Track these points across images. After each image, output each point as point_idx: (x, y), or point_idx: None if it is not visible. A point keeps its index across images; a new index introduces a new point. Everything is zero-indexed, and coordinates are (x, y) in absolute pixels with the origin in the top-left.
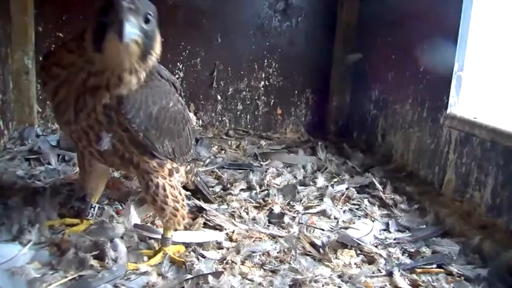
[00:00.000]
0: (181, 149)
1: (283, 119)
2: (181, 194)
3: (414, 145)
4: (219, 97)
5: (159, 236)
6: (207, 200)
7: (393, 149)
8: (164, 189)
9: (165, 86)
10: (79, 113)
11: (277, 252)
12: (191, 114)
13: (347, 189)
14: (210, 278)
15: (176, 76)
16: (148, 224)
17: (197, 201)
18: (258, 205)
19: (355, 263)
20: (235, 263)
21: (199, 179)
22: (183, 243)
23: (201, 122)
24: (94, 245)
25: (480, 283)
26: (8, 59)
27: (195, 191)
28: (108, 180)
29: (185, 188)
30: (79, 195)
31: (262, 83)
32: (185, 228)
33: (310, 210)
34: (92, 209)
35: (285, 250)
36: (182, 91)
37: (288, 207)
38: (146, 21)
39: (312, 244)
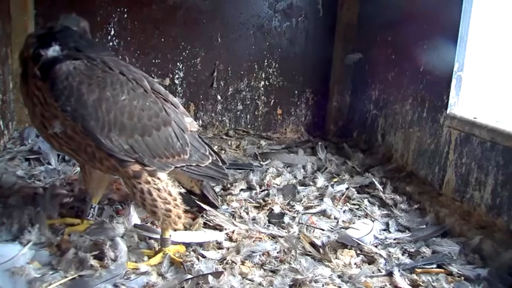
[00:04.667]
0: (152, 150)
1: (283, 119)
2: (171, 195)
3: (414, 145)
4: (219, 97)
5: (159, 236)
6: (211, 205)
7: (393, 149)
8: (151, 194)
9: (113, 77)
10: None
11: (277, 252)
12: (189, 120)
13: (347, 189)
14: (210, 278)
15: (176, 76)
16: (148, 224)
17: (197, 201)
18: (258, 205)
19: (355, 263)
20: (235, 263)
21: (205, 183)
22: (183, 243)
23: (201, 122)
24: (94, 245)
25: (480, 283)
26: (8, 59)
27: (200, 195)
28: (111, 182)
29: (191, 192)
30: (79, 196)
31: (262, 83)
32: (185, 228)
33: (310, 210)
34: (92, 209)
35: (285, 250)
36: (182, 91)
37: (288, 207)
38: None
39: (312, 244)
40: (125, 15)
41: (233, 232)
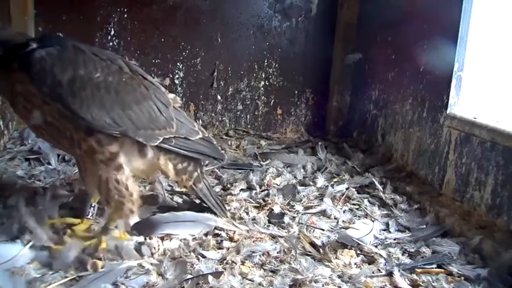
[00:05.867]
0: (135, 123)
1: (283, 119)
2: (128, 189)
3: (414, 145)
4: (219, 97)
5: (160, 235)
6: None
7: (393, 149)
8: (107, 183)
9: (85, 56)
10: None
11: (277, 252)
12: (171, 95)
13: (347, 189)
14: (210, 278)
15: (176, 76)
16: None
17: (197, 201)
18: (258, 205)
19: (355, 263)
20: (235, 263)
21: (201, 186)
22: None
23: (201, 122)
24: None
25: (480, 283)
26: None
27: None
28: None
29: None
30: (79, 196)
31: (262, 83)
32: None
33: (310, 210)
34: (92, 208)
35: (285, 250)
36: (182, 91)
37: (288, 207)
38: None
39: (312, 244)
40: (125, 15)
41: (234, 233)
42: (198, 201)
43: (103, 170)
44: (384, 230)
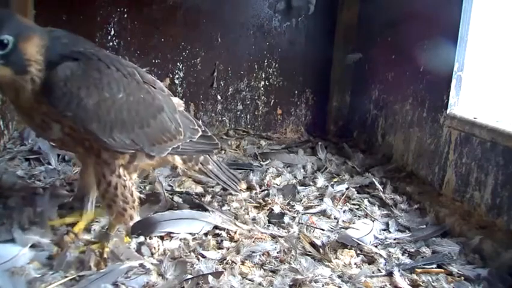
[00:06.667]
0: (152, 139)
1: (283, 119)
2: (132, 196)
3: (414, 145)
4: (219, 97)
5: (160, 233)
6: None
7: (393, 149)
8: (116, 189)
9: (109, 77)
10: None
11: (277, 252)
12: (176, 100)
13: (347, 189)
14: (210, 278)
15: (176, 76)
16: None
17: (197, 200)
18: (258, 205)
19: (355, 263)
20: (235, 263)
21: (210, 166)
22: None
23: (201, 122)
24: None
25: (480, 283)
26: None
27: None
28: None
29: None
30: (79, 196)
31: (262, 83)
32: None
33: (310, 210)
34: (90, 203)
35: (285, 250)
36: (182, 91)
37: (288, 207)
38: (2, 46)
39: (312, 244)
40: (125, 15)
41: (235, 232)
42: (197, 200)
43: (113, 175)
44: (384, 230)
